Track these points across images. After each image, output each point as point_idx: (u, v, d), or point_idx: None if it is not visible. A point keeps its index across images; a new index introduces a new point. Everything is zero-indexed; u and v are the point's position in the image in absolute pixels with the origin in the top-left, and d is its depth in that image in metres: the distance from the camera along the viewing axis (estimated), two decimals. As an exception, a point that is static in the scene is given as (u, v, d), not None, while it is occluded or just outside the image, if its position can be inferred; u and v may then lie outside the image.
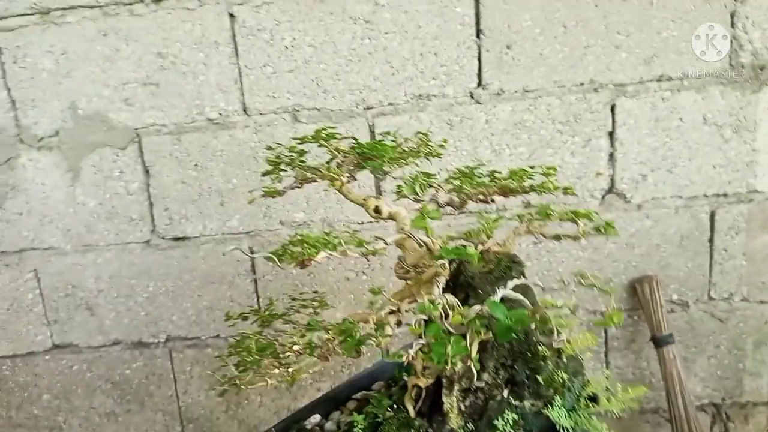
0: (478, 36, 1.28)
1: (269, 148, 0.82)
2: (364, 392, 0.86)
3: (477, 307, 0.62)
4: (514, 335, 0.63)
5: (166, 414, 1.51)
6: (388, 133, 0.83)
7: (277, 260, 0.66)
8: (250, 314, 0.82)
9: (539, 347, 0.66)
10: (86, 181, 1.39)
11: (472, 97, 1.31)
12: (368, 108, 1.32)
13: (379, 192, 1.35)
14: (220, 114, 1.33)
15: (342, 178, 0.73)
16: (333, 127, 0.77)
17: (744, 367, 1.43)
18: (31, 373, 1.52)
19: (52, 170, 1.39)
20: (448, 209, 0.77)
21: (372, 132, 1.33)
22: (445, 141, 0.84)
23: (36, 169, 1.39)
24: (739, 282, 1.39)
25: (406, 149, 0.77)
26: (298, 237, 0.69)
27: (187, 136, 1.35)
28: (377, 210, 0.73)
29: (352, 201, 0.75)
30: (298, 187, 0.81)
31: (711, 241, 1.37)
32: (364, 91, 1.31)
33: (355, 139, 0.77)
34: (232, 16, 1.29)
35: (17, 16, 1.30)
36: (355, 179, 0.78)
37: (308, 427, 0.84)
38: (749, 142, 1.32)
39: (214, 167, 1.36)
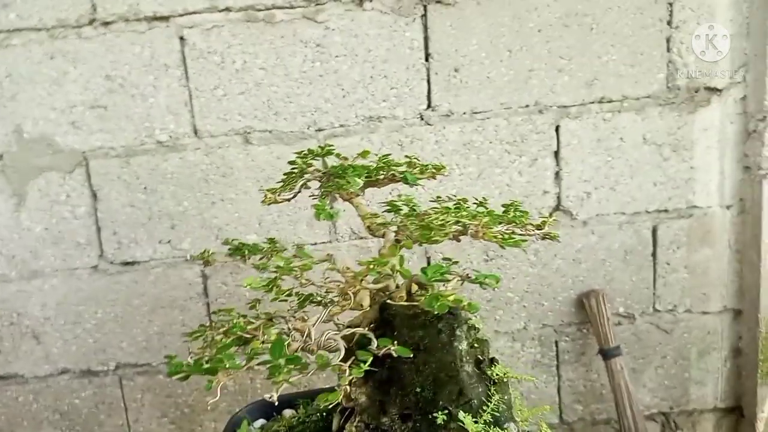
0: (426, 59, 1.31)
1: (291, 162, 0.79)
2: None
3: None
4: (419, 389, 0.60)
5: (117, 444, 1.47)
6: (367, 152, 0.79)
7: (189, 257, 0.71)
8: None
9: (440, 413, 0.60)
10: (32, 206, 1.35)
11: (422, 119, 1.33)
12: (319, 130, 1.33)
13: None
14: (170, 136, 1.32)
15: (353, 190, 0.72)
16: (331, 146, 0.76)
17: (689, 376, 1.48)
18: (-27, 406, 1.46)
19: (-5, 195, 1.35)
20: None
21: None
22: (441, 167, 0.78)
23: (-22, 194, 1.35)
24: (682, 294, 1.44)
25: (383, 174, 0.75)
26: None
27: (136, 159, 1.33)
28: (370, 228, 0.73)
29: (360, 214, 0.74)
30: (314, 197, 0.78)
31: (654, 255, 1.42)
32: (315, 113, 1.32)
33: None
34: (182, 39, 1.29)
35: (-42, 38, 1.28)
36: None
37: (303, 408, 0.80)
38: (687, 160, 1.39)
39: (165, 190, 1.35)
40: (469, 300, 0.56)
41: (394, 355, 0.56)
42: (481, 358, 0.64)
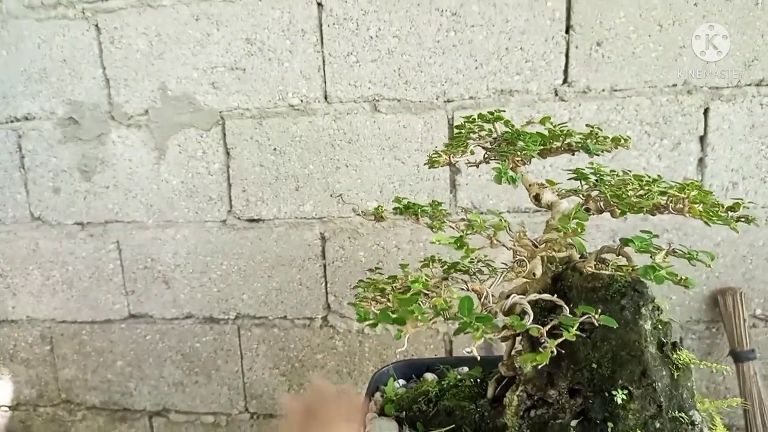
0: (567, 32, 1.25)
1: (458, 126, 0.78)
2: None
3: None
4: (594, 365, 0.58)
5: (231, 388, 1.56)
6: (547, 117, 0.76)
7: (362, 214, 0.71)
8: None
9: (620, 392, 0.57)
10: (171, 160, 1.44)
11: (557, 94, 1.28)
12: (449, 101, 1.31)
13: (453, 184, 1.34)
14: (302, 101, 1.36)
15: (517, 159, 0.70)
16: (502, 110, 0.74)
17: (829, 391, 1.35)
18: (108, 340, 1.60)
19: (139, 147, 1.45)
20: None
21: (450, 125, 1.32)
22: (626, 138, 0.75)
23: (124, 145, 1.46)
24: (829, 302, 1.31)
25: (559, 143, 0.72)
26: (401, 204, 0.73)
27: (269, 120, 1.38)
28: (537, 197, 0.71)
29: (523, 183, 0.72)
30: (474, 165, 0.76)
31: (802, 256, 1.29)
32: (445, 83, 1.31)
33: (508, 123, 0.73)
34: (319, 5, 1.31)
35: (118, -2, 1.37)
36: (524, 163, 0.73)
37: (453, 372, 0.82)
38: None
39: (292, 152, 1.39)
40: (685, 276, 0.53)
41: (596, 324, 0.54)
42: (664, 341, 0.60)
